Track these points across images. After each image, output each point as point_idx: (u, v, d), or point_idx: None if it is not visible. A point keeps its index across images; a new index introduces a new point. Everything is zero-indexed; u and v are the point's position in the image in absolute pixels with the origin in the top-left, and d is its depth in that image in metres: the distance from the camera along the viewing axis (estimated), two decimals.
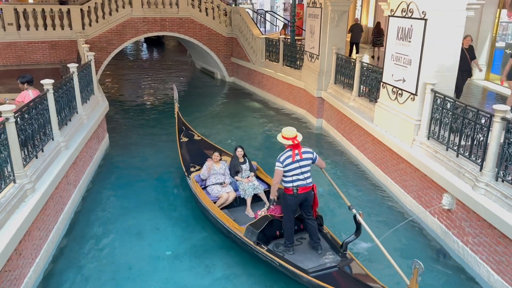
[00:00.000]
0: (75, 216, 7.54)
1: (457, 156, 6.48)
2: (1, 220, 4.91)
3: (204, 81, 19.55)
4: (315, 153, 5.72)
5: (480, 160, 5.93)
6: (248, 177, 7.32)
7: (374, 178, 9.09)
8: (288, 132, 5.59)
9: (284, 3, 32.81)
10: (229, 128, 12.70)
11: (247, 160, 7.48)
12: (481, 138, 5.95)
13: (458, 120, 6.46)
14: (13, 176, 5.49)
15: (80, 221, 7.42)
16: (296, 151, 5.50)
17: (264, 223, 5.80)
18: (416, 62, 7.52)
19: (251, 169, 7.51)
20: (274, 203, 5.84)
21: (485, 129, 5.86)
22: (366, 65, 10.17)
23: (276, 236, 5.95)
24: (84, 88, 9.34)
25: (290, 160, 5.45)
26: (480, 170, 5.88)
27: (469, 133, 6.22)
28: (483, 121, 5.93)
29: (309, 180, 5.57)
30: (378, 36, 16.06)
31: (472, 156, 6.15)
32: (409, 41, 7.70)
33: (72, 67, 8.55)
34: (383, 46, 15.18)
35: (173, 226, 7.29)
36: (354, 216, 5.48)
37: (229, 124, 13.05)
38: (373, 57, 16.55)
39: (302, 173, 5.50)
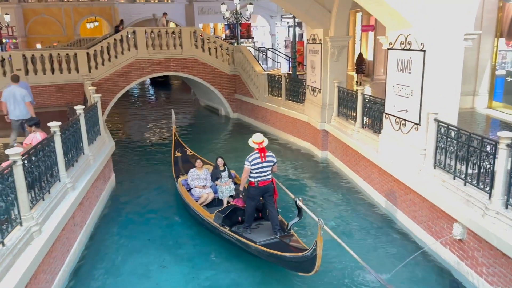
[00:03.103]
0: (81, 257, 7.46)
1: (465, 184, 6.42)
2: (7, 264, 4.87)
3: (209, 118, 19.77)
4: (276, 159, 7.13)
5: (488, 188, 5.86)
6: (226, 182, 8.73)
7: (382, 209, 8.98)
8: (257, 138, 6.97)
9: (285, 41, 33.58)
10: (234, 163, 12.68)
11: (226, 169, 8.93)
12: (488, 166, 5.91)
13: (463, 149, 6.45)
14: (20, 219, 5.48)
15: (87, 262, 7.33)
16: (262, 154, 6.86)
17: (228, 209, 7.44)
18: (418, 92, 7.60)
19: (229, 176, 8.95)
20: (241, 195, 7.63)
21: (491, 156, 5.83)
22: (368, 97, 10.28)
23: (239, 222, 7.43)
24: (90, 129, 9.47)
25: (258, 160, 6.85)
26: (489, 198, 5.81)
27: (475, 161, 6.18)
28: (488, 148, 5.91)
29: (269, 176, 6.99)
30: (360, 65, 18.20)
31: (480, 184, 6.09)
32: (409, 72, 7.81)
33: (79, 109, 8.70)
34: (365, 73, 18.84)
35: (180, 265, 7.19)
36: (295, 202, 6.78)
37: (234, 159, 13.05)
38: (357, 82, 18.21)
39: (264, 171, 6.91)
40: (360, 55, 19.13)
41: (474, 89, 12.72)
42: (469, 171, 6.36)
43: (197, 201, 8.50)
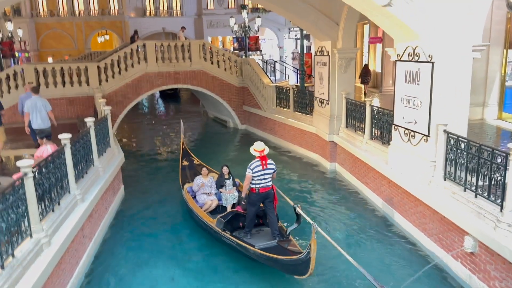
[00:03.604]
0: (90, 269, 7.47)
1: (476, 196, 6.34)
2: (17, 276, 4.90)
3: (217, 130, 19.85)
4: (276, 167, 7.39)
5: (499, 200, 5.79)
6: (230, 190, 8.91)
7: (392, 221, 8.89)
8: (258, 147, 7.22)
9: (293, 53, 33.75)
10: (243, 174, 12.69)
11: (231, 177, 9.12)
12: (499, 178, 5.84)
13: (473, 160, 6.39)
14: (30, 230, 5.53)
15: (95, 274, 7.33)
16: (264, 162, 7.12)
17: (229, 215, 7.72)
18: (426, 104, 7.57)
19: (234, 184, 9.13)
20: (243, 202, 7.76)
21: (501, 168, 5.77)
22: (377, 108, 10.27)
23: (240, 227, 7.69)
24: (100, 141, 9.56)
25: (260, 168, 7.11)
26: (501, 211, 5.73)
27: (485, 172, 6.12)
28: (499, 160, 5.85)
29: (269, 183, 7.26)
30: (366, 76, 18.48)
31: (491, 196, 6.02)
32: (418, 84, 7.80)
33: (89, 121, 8.80)
34: (369, 84, 19.00)
35: (188, 277, 7.17)
36: (294, 208, 7.10)
37: (242, 170, 13.04)
38: (365, 93, 18.18)
39: (264, 178, 7.17)
40: (366, 66, 19.38)
41: (483, 100, 12.63)
42: (480, 183, 6.29)
43: (201, 208, 8.73)
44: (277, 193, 7.65)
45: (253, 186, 7.18)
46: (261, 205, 7.45)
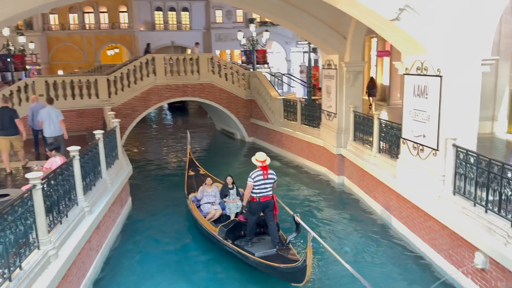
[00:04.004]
0: (96, 282, 7.44)
1: (486, 211, 6.25)
2: None
3: (224, 142, 19.89)
4: (276, 177, 7.56)
5: (510, 215, 5.70)
6: (234, 199, 9.08)
7: (400, 236, 8.78)
8: (260, 157, 7.45)
9: (300, 66, 33.91)
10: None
11: (235, 187, 9.29)
12: (510, 193, 5.76)
13: (483, 175, 6.31)
14: (38, 242, 5.54)
15: (102, 287, 7.30)
16: (265, 171, 7.31)
17: (231, 224, 7.91)
18: (435, 118, 7.53)
19: (237, 193, 9.25)
20: (244, 210, 7.85)
21: None
22: (385, 121, 10.23)
23: (241, 236, 7.84)
24: (109, 154, 9.61)
25: (261, 177, 7.30)
26: None
27: (496, 187, 6.04)
28: (509, 175, 5.78)
29: (270, 192, 7.42)
30: (372, 88, 18.78)
31: (502, 211, 5.93)
32: (426, 97, 7.77)
33: (98, 134, 8.87)
34: (375, 96, 19.17)
35: None
36: (293, 218, 7.30)
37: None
38: (370, 106, 18.33)
39: (265, 188, 7.35)
40: (372, 79, 19.55)
41: (493, 114, 12.55)
42: (490, 198, 6.21)
43: (206, 217, 8.91)
44: (277, 202, 7.76)
45: (254, 195, 7.34)
46: (262, 214, 7.60)
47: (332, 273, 7.38)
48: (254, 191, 7.32)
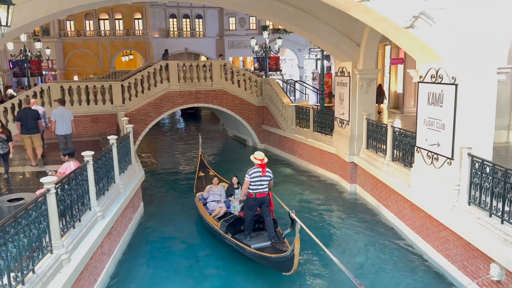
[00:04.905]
0: (107, 286, 7.47)
1: (502, 222, 6.13)
2: None
3: (236, 148, 19.91)
4: (272, 175, 8.16)
5: None
6: (238, 198, 9.29)
7: (414, 246, 8.66)
8: (259, 155, 8.08)
9: (313, 73, 33.88)
10: None
11: (240, 187, 9.60)
12: None
13: (499, 185, 6.19)
14: (51, 246, 5.59)
15: None
16: (262, 169, 7.86)
17: (231, 219, 8.50)
18: (450, 126, 7.43)
19: None
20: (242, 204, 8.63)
21: None
22: (398, 129, 10.13)
23: (241, 230, 8.37)
24: (122, 159, 9.69)
25: (258, 174, 7.87)
26: None
27: None
28: None
29: (265, 189, 7.99)
30: (379, 95, 18.64)
31: None
32: (441, 106, 7.68)
33: (112, 139, 8.95)
34: (383, 103, 19.58)
35: None
36: (289, 214, 7.63)
37: None
38: (379, 112, 18.34)
39: (261, 184, 7.91)
40: (379, 86, 19.54)
41: (509, 123, 12.35)
42: (506, 208, 6.09)
43: (211, 214, 9.48)
44: (274, 199, 8.38)
45: (251, 191, 7.90)
46: (259, 210, 8.16)
47: (321, 266, 7.87)
48: (250, 187, 7.87)
